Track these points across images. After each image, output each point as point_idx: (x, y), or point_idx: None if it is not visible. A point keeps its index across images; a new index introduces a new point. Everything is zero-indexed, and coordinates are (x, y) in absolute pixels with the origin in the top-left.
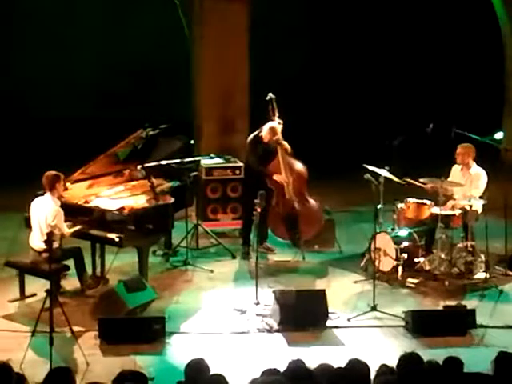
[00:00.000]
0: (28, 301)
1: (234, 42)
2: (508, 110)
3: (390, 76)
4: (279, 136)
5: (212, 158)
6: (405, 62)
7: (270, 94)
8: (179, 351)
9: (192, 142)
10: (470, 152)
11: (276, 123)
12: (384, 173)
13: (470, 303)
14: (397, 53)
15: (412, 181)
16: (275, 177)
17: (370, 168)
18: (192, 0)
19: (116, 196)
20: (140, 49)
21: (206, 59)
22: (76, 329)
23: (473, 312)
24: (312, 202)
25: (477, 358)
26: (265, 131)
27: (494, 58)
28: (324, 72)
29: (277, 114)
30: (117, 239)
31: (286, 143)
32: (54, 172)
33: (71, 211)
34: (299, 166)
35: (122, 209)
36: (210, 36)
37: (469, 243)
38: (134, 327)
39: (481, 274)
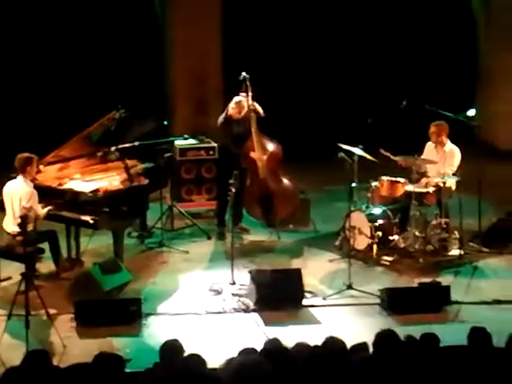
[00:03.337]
0: (3, 284)
1: (207, 22)
2: (481, 87)
3: (363, 53)
4: (246, 108)
5: (186, 138)
6: (378, 39)
7: (244, 73)
8: (156, 332)
9: (166, 122)
10: (443, 129)
11: (240, 97)
12: (358, 151)
13: (444, 280)
14: (370, 29)
15: (385, 153)
16: (251, 154)
17: (344, 147)
18: None
19: (90, 178)
20: None
21: (178, 40)
22: (52, 312)
23: (447, 288)
24: (286, 181)
25: (452, 334)
26: (230, 108)
27: (468, 35)
28: (297, 50)
29: (250, 94)
30: (91, 221)
31: (257, 106)
32: (25, 154)
33: (45, 194)
34: (273, 145)
35: (97, 191)
36: (182, 16)
37: (443, 220)
38: (110, 309)
39: (455, 251)
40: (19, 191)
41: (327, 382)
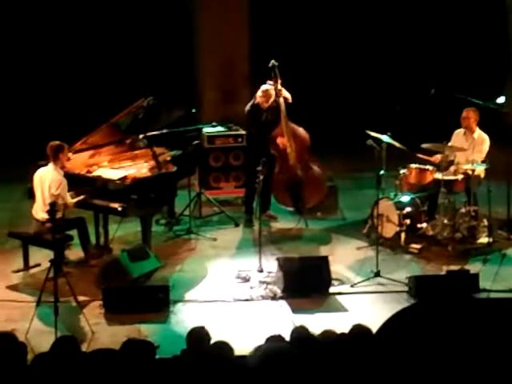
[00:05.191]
0: (32, 271)
1: (235, 9)
2: (511, 75)
3: (393, 39)
4: (273, 97)
5: (214, 126)
6: (408, 26)
7: (273, 61)
8: (183, 319)
9: (194, 110)
10: (475, 116)
11: (267, 85)
12: (386, 138)
13: (472, 268)
14: (400, 16)
15: (420, 155)
16: (278, 140)
17: (373, 134)
18: None
19: (118, 165)
20: None
21: (207, 27)
22: (80, 298)
23: (476, 276)
24: (315, 168)
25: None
26: (258, 97)
27: (499, 24)
28: (326, 37)
29: (279, 81)
30: (120, 209)
31: (285, 93)
32: (57, 142)
33: (74, 181)
34: (302, 132)
35: (125, 178)
36: (210, 3)
37: (471, 208)
38: (138, 296)
39: (484, 239)
40: (49, 178)
41: (354, 370)
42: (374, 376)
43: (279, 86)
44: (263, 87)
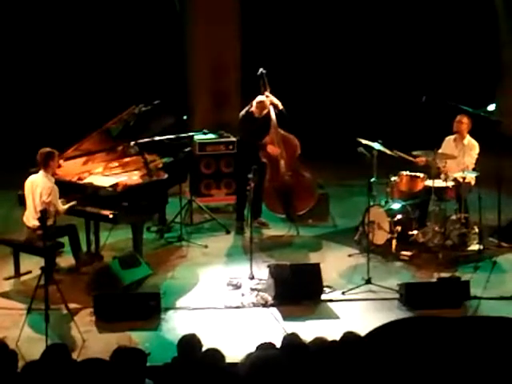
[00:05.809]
0: (23, 278)
1: (226, 17)
2: (502, 82)
3: (383, 47)
4: (267, 109)
5: (205, 133)
6: (399, 34)
7: (261, 69)
8: (175, 327)
9: (185, 117)
10: (468, 122)
11: (264, 97)
12: (377, 146)
13: (463, 275)
14: (390, 25)
15: (402, 154)
16: (269, 148)
17: (364, 141)
18: None
19: (109, 173)
20: None
21: (198, 34)
22: (71, 306)
23: (467, 284)
24: (306, 175)
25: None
26: (254, 106)
27: (489, 30)
28: (316, 45)
29: (268, 89)
30: (111, 216)
31: (274, 100)
32: (48, 149)
33: (65, 188)
34: (292, 139)
35: (116, 185)
36: (202, 11)
37: (462, 215)
38: (129, 303)
39: (474, 246)
40: (40, 186)
41: (344, 377)
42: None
43: (267, 93)
44: (259, 98)
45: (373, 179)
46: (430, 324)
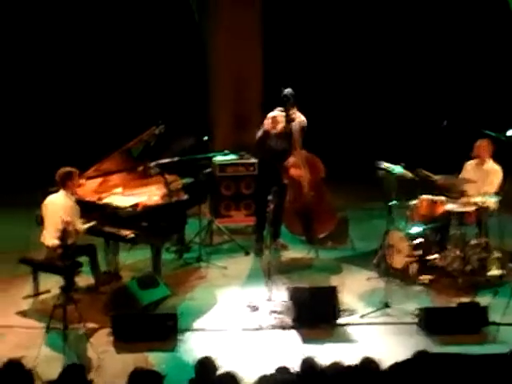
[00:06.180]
0: (42, 297)
1: (248, 37)
2: None
3: (406, 70)
4: (282, 123)
5: (226, 154)
6: (422, 59)
7: (288, 89)
8: (192, 348)
9: (206, 138)
10: (488, 146)
11: (276, 112)
12: (398, 169)
13: (483, 300)
14: (411, 48)
15: (426, 172)
16: (292, 171)
17: (384, 164)
18: None
19: (130, 193)
20: None
21: (220, 53)
22: (89, 325)
23: (486, 309)
24: (327, 198)
25: None
26: (266, 124)
27: (507, 55)
28: (335, 67)
29: (294, 108)
30: (130, 236)
31: (300, 116)
32: (66, 169)
33: (85, 208)
34: (317, 161)
35: (136, 206)
36: (223, 31)
37: (482, 240)
38: (146, 324)
39: (494, 271)
40: (60, 205)
41: None
42: None
43: (295, 111)
44: (270, 114)
45: (393, 202)
46: (456, 363)
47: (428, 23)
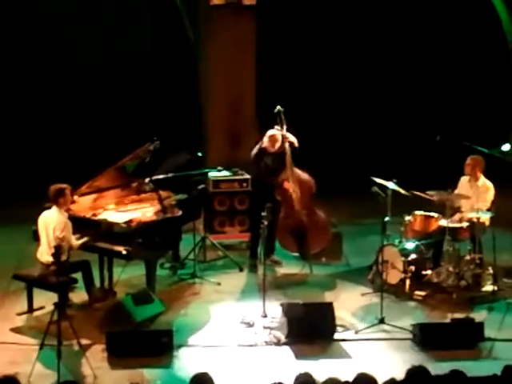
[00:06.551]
0: (36, 314)
1: (242, 54)
2: None
3: (398, 86)
4: (280, 142)
5: (219, 170)
6: (411, 75)
7: (278, 107)
8: (187, 364)
9: (200, 154)
10: (479, 163)
11: (274, 130)
12: (391, 185)
13: (478, 316)
14: (403, 64)
15: (418, 193)
16: (284, 185)
17: (378, 180)
18: (198, 12)
19: (124, 209)
20: None
21: (213, 71)
22: (84, 342)
23: (481, 325)
24: (320, 214)
25: (485, 372)
26: (266, 141)
27: (502, 70)
28: (329, 83)
29: (285, 127)
30: (125, 252)
31: (291, 137)
32: (58, 185)
33: (79, 224)
34: (307, 178)
35: (130, 222)
36: (217, 48)
37: (476, 256)
38: (141, 340)
39: (489, 287)
40: (53, 221)
41: None
42: None
43: (284, 132)
44: (270, 132)
45: (387, 218)
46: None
47: (421, 39)
